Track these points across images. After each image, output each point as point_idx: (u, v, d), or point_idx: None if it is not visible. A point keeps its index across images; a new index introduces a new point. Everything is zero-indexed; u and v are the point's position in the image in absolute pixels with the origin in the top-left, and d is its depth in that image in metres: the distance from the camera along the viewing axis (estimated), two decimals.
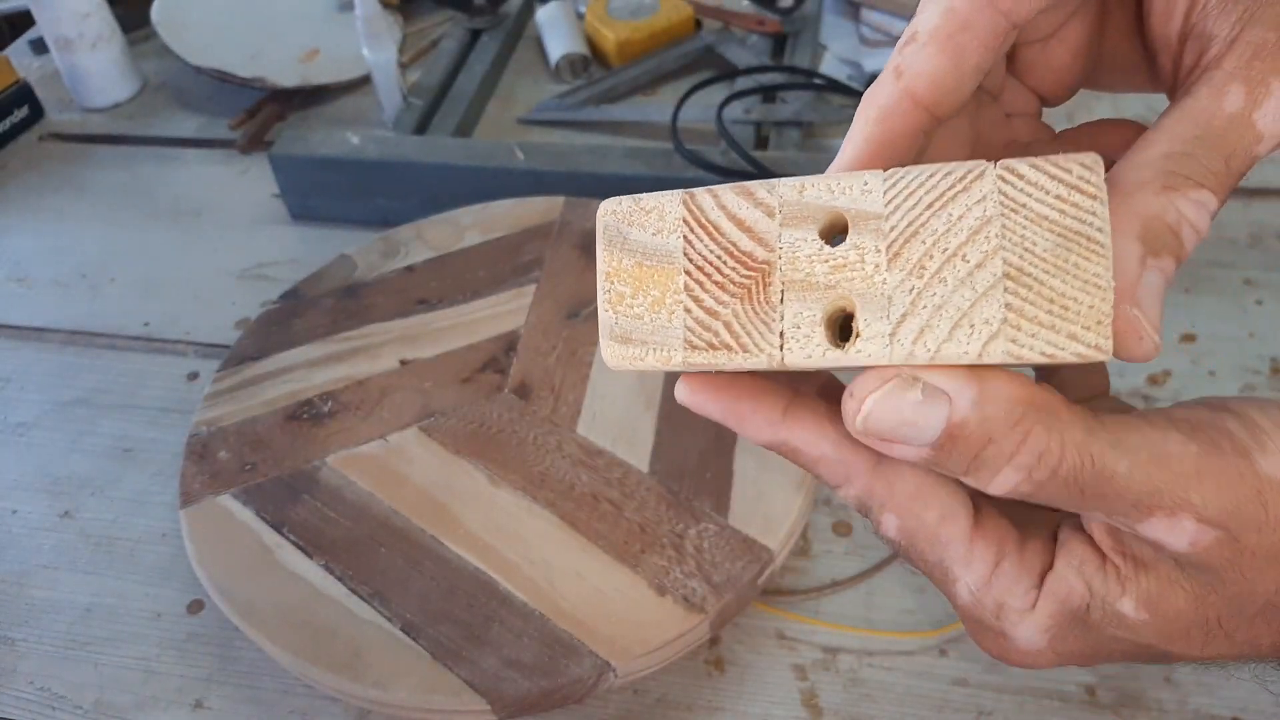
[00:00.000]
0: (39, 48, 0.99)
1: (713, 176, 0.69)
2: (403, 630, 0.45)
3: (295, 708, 0.48)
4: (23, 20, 1.04)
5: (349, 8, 0.93)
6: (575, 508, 0.49)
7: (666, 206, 0.22)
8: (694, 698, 0.47)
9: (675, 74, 0.88)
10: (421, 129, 0.80)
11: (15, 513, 0.58)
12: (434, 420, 0.54)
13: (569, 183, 0.70)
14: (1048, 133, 0.27)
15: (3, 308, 0.72)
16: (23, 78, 0.88)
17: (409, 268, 0.64)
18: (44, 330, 0.69)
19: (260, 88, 0.86)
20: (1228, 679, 0.46)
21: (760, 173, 0.68)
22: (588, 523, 0.49)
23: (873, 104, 0.22)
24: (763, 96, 0.80)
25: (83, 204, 0.80)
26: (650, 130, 0.83)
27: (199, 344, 0.67)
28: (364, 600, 0.46)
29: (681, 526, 0.48)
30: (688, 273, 0.22)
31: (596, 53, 0.91)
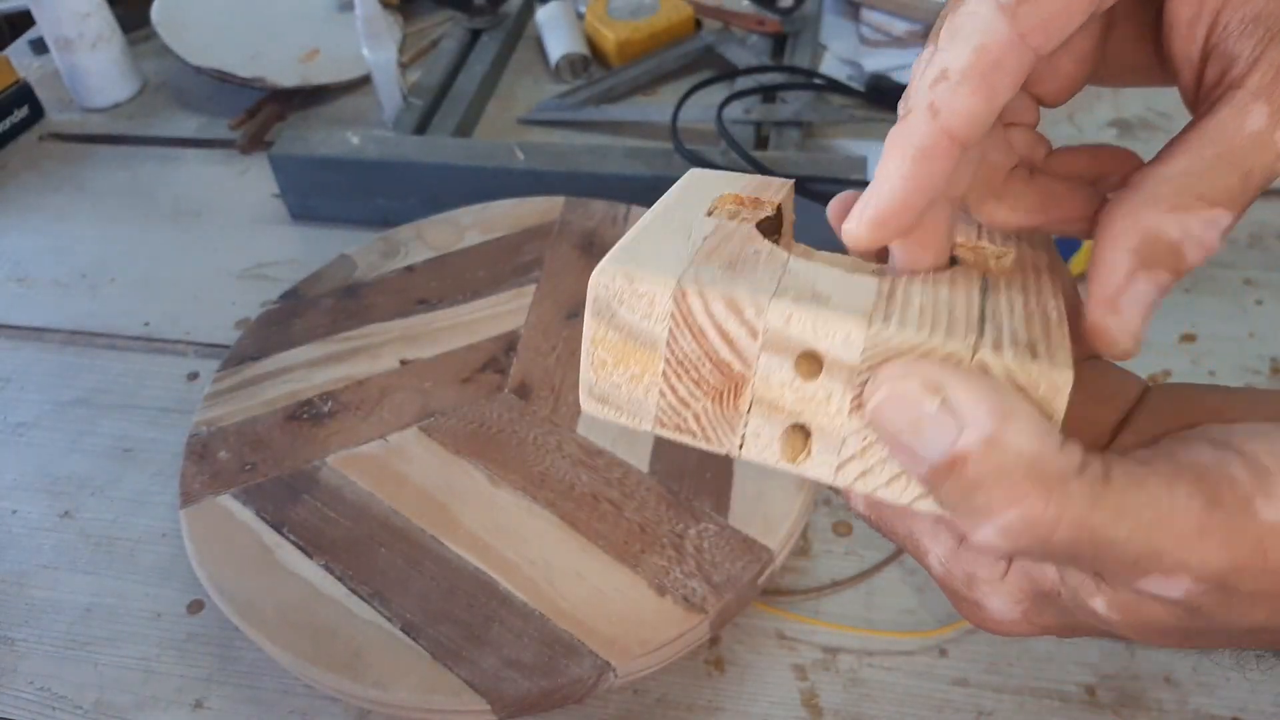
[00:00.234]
0: (39, 48, 0.99)
1: None
2: (403, 630, 0.45)
3: (295, 708, 0.48)
4: (23, 20, 1.04)
5: (349, 8, 0.93)
6: (575, 508, 0.49)
7: (658, 296, 0.23)
8: (694, 698, 0.47)
9: (675, 74, 0.88)
10: (421, 129, 0.80)
11: (15, 513, 0.58)
12: (434, 420, 0.54)
13: (569, 183, 0.70)
14: (1044, 147, 0.27)
15: (3, 308, 0.72)
16: (23, 78, 0.88)
17: (409, 268, 0.64)
18: (44, 330, 0.69)
19: (260, 88, 0.86)
20: (1227, 679, 0.46)
21: (760, 173, 0.68)
22: (588, 523, 0.49)
23: (909, 143, 0.22)
24: (763, 96, 0.80)
25: (83, 204, 0.80)
26: (650, 130, 0.83)
27: (199, 344, 0.67)
28: (364, 600, 0.46)
29: (681, 526, 0.48)
30: (668, 362, 0.23)
31: (596, 53, 0.91)
